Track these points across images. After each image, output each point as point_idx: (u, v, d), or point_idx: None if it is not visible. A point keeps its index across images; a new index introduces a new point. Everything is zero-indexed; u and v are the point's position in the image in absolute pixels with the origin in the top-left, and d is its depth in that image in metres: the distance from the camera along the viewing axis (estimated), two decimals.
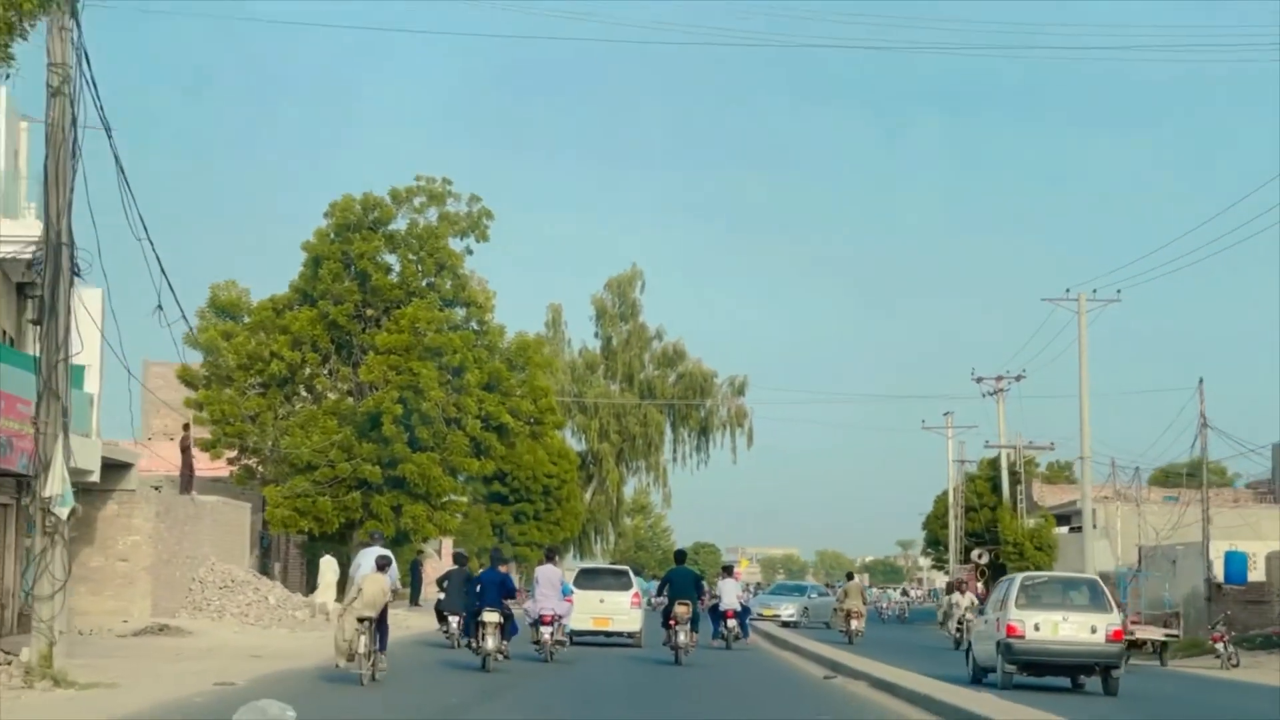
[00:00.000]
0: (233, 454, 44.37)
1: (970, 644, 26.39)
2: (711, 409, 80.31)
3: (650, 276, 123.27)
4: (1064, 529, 63.80)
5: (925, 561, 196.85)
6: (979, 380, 74.77)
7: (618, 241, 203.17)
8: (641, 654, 28.60)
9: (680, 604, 25.96)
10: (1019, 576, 24.83)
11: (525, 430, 44.42)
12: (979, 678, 24.17)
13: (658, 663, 25.89)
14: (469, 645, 22.44)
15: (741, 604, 34.30)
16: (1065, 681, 24.36)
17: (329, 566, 37.21)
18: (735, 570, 38.33)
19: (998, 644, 23.37)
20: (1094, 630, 23.13)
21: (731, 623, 32.44)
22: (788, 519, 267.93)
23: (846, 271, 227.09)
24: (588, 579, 31.43)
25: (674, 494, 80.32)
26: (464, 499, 50.43)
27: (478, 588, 22.13)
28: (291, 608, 35.31)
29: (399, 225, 44.76)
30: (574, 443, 76.51)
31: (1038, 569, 58.79)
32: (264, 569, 42.95)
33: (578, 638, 28.74)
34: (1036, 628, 23.12)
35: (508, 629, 22.08)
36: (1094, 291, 52.09)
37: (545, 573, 24.87)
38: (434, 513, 43.89)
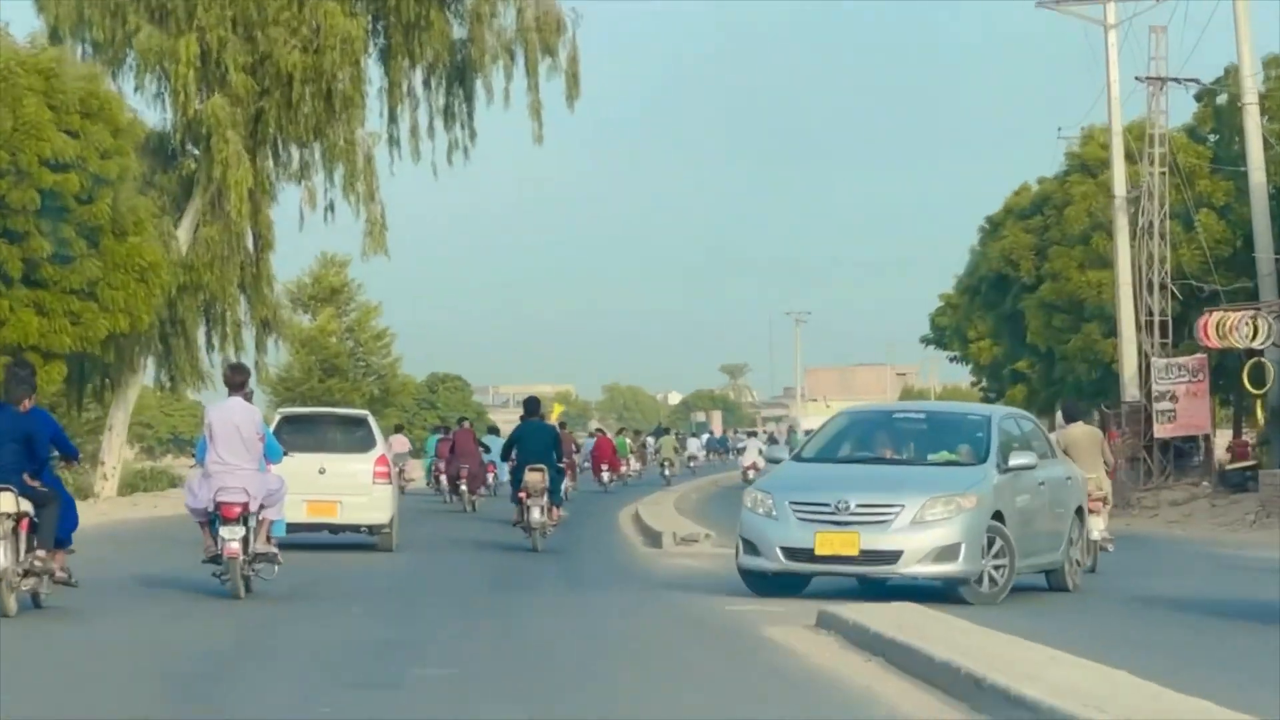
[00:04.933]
0: None
1: None
2: (478, 12, 48.45)
3: None
4: None
5: (755, 394, 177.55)
6: None
7: None
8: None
9: (533, 470, 26.26)
10: None
11: None
12: None
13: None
14: None
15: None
16: None
17: None
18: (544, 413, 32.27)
19: None
20: None
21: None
22: (559, 345, 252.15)
23: None
24: (295, 431, 27.61)
25: (394, 244, 50.84)
26: None
27: None
28: None
29: None
30: (141, 105, 46.77)
31: None
32: None
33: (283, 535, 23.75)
34: None
35: (46, 528, 16.63)
36: None
37: (229, 414, 19.19)
38: None
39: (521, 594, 20.18)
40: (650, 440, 73.89)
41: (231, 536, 18.61)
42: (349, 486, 27.32)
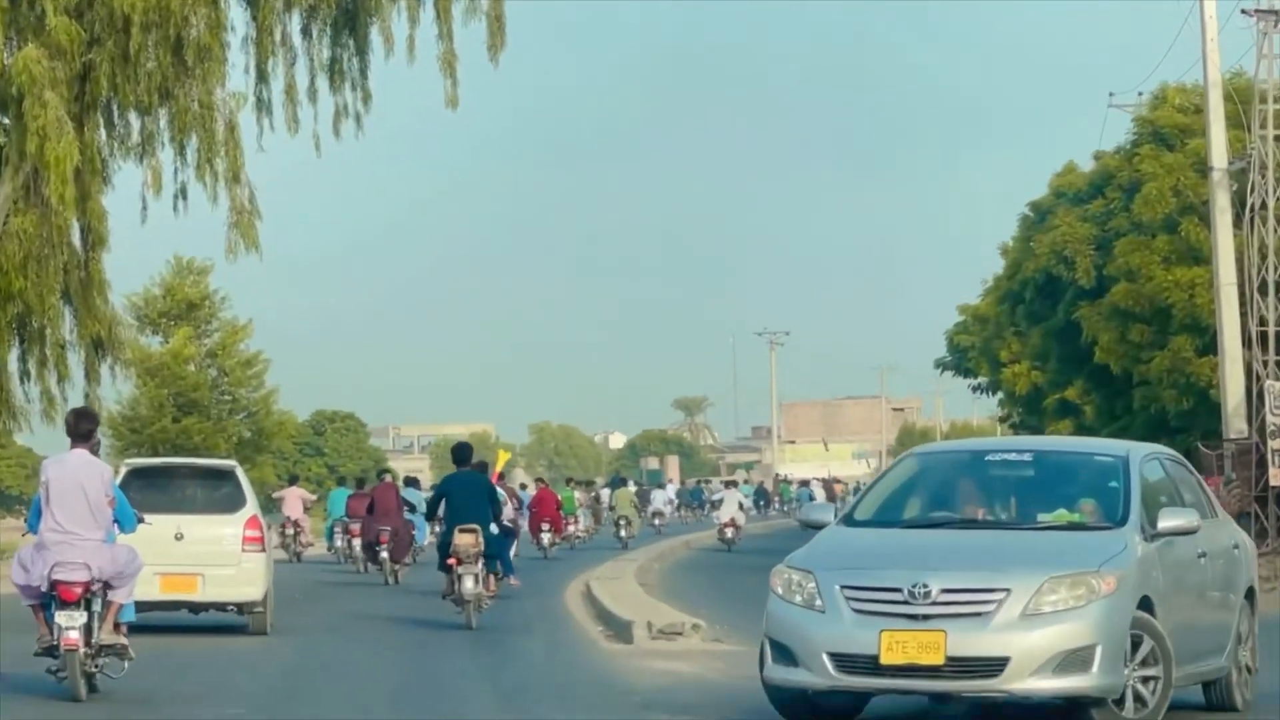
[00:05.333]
0: None
1: None
2: None
3: None
4: None
5: (716, 435, 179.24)
6: None
7: None
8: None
9: (464, 531, 27.59)
10: None
11: None
12: None
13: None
14: None
15: (506, 524, 33.85)
16: None
17: None
18: (489, 469, 37.48)
19: None
20: None
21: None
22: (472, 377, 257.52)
23: None
24: (145, 487, 28.20)
25: (267, 242, 47.93)
26: None
27: None
28: None
29: None
30: None
31: None
32: None
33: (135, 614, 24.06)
34: None
35: None
36: None
37: (70, 470, 19.65)
38: None
39: (442, 709, 19.55)
40: (605, 493, 75.53)
41: (70, 624, 19.17)
42: (212, 555, 28.17)
